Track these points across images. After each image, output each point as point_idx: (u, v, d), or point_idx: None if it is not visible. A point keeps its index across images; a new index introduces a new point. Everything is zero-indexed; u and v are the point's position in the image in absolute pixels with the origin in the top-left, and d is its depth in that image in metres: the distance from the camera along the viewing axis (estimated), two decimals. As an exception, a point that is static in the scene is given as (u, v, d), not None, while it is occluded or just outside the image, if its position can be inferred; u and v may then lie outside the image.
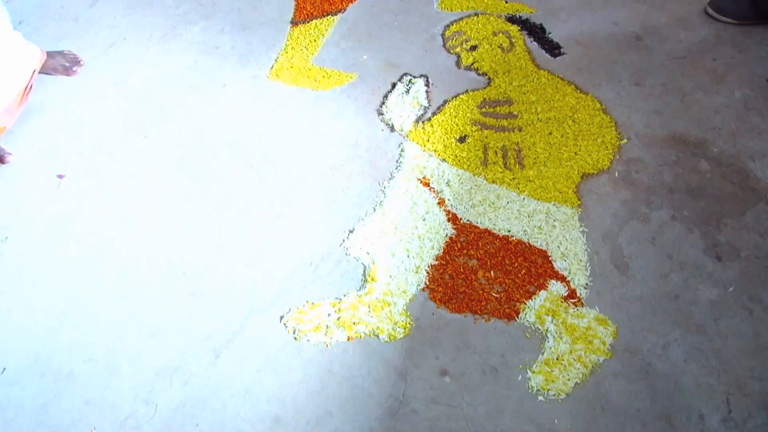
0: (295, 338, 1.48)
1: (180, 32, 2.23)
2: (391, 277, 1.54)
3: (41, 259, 1.64)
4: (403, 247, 1.58)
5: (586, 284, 1.54)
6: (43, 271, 1.62)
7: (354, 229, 1.65)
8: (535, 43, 2.13)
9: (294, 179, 1.77)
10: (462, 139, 1.82)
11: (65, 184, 1.80)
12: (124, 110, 1.98)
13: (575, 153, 1.79)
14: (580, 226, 1.63)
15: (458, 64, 2.05)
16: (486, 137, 1.82)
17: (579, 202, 1.68)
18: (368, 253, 1.58)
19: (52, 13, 2.31)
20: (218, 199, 1.74)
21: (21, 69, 1.90)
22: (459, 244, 1.59)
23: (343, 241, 1.63)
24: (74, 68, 2.08)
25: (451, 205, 1.66)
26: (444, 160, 1.77)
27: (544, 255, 1.57)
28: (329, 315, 1.49)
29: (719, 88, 2.02)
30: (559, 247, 1.58)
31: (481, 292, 1.51)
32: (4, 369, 1.47)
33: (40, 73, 2.03)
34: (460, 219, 1.64)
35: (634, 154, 1.80)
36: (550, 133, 1.83)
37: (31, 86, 1.95)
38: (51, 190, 1.79)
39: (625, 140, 1.84)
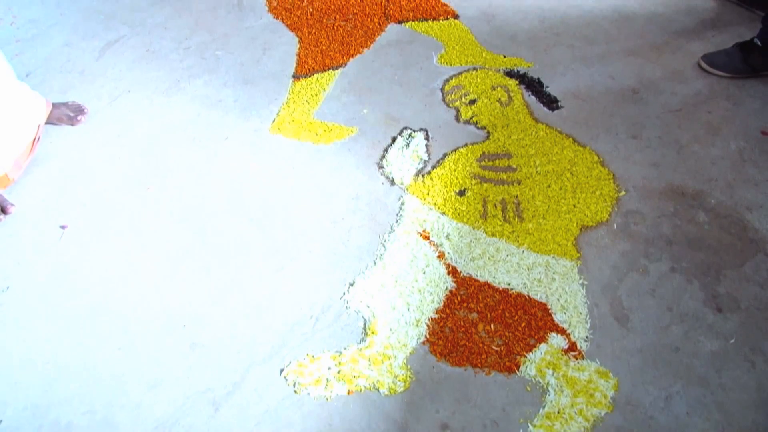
0: (296, 391, 1.51)
1: (184, 86, 2.33)
2: (391, 330, 1.58)
3: (41, 310, 1.69)
4: (404, 301, 1.63)
5: (587, 337, 1.58)
6: (43, 321, 1.67)
7: (354, 282, 1.70)
8: (533, 96, 2.23)
9: (295, 232, 1.83)
10: (461, 193, 1.89)
11: (67, 234, 1.87)
12: (128, 162, 2.06)
13: (574, 205, 1.86)
14: (580, 278, 1.69)
15: (457, 117, 2.15)
16: (485, 190, 1.89)
17: (578, 255, 1.74)
18: (368, 306, 1.63)
19: (59, 66, 2.43)
20: (219, 251, 1.80)
21: (29, 121, 1.99)
22: (459, 297, 1.64)
23: (344, 294, 1.68)
24: (78, 117, 2.18)
25: (451, 258, 1.73)
26: (444, 213, 1.84)
27: (544, 308, 1.62)
28: (329, 368, 1.53)
29: (715, 140, 2.11)
30: (558, 299, 1.63)
31: (481, 345, 1.55)
32: (1, 420, 1.50)
33: (45, 123, 2.12)
34: (460, 272, 1.70)
35: (632, 206, 1.87)
36: (549, 186, 1.91)
37: (38, 138, 2.04)
38: (53, 240, 1.86)
39: (624, 192, 1.91)
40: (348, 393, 1.50)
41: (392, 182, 1.94)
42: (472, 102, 2.20)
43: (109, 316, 1.67)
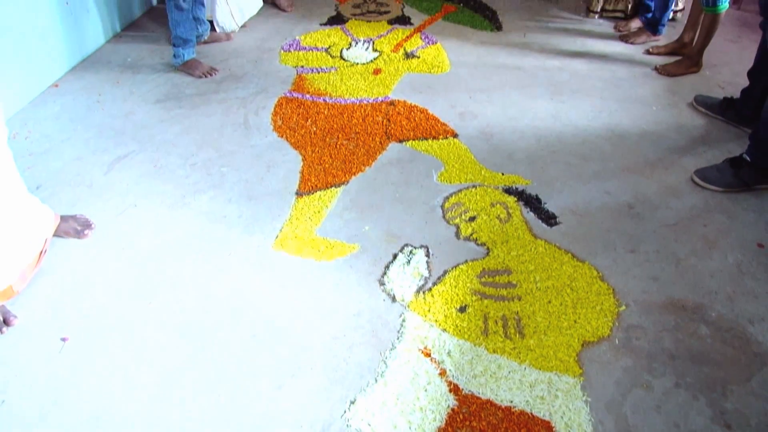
0: None
1: (189, 201, 2.48)
2: (393, 450, 1.62)
3: (37, 425, 1.72)
4: (405, 419, 1.68)
5: (593, 457, 1.61)
6: (39, 444, 1.70)
7: (355, 400, 1.75)
8: (531, 213, 2.38)
9: (296, 349, 1.90)
10: (462, 309, 1.99)
11: (68, 347, 1.93)
12: (131, 276, 2.16)
13: (575, 321, 1.94)
14: (583, 395, 1.74)
15: (458, 234, 2.28)
16: (486, 307, 1.99)
17: (581, 371, 1.80)
18: (370, 425, 1.67)
19: (69, 180, 2.59)
20: (220, 367, 1.86)
21: (37, 234, 2.11)
22: (461, 416, 1.69)
23: (345, 411, 1.73)
24: (85, 231, 2.30)
25: (453, 376, 1.79)
26: (445, 330, 1.92)
27: (547, 426, 1.66)
28: (331, 492, 1.55)
29: (712, 254, 2.22)
30: (562, 417, 1.68)
31: (485, 466, 1.59)
32: None
33: (52, 236, 2.24)
34: (462, 390, 1.76)
35: (633, 321, 1.96)
36: (550, 302, 2.00)
37: (44, 251, 2.16)
38: (53, 353, 1.91)
39: (624, 307, 2.00)
40: None
41: (393, 299, 2.04)
42: (472, 219, 2.34)
43: (107, 431, 1.71)
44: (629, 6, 3.84)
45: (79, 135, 2.85)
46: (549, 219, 2.35)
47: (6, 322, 1.98)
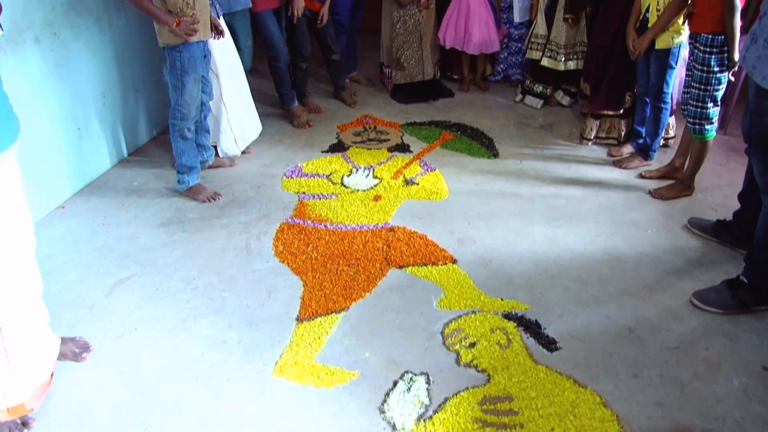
0: None
1: (189, 325, 2.54)
2: None
3: None
4: None
5: None
6: None
7: None
8: (531, 338, 2.44)
9: (295, 481, 1.91)
10: (464, 438, 2.00)
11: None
12: (128, 401, 2.18)
13: (579, 450, 1.96)
14: None
15: (458, 361, 2.33)
16: (488, 435, 2.01)
17: (587, 504, 1.80)
18: None
19: (70, 301, 2.65)
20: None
21: (50, 353, 2.16)
22: None
23: None
24: (83, 354, 2.35)
25: None
26: (447, 459, 1.93)
27: None
28: None
29: (716, 377, 2.27)
30: None
31: None
32: None
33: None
34: None
35: (639, 450, 1.97)
36: (552, 430, 2.02)
37: (52, 373, 2.20)
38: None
39: (629, 435, 2.02)
40: None
41: (394, 427, 2.06)
42: (472, 345, 2.40)
43: None
44: (622, 133, 4.08)
45: (83, 257, 2.96)
46: (549, 344, 2.41)
47: (25, 425, 2.04)
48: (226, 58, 3.59)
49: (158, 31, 3.07)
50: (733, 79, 3.22)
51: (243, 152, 3.91)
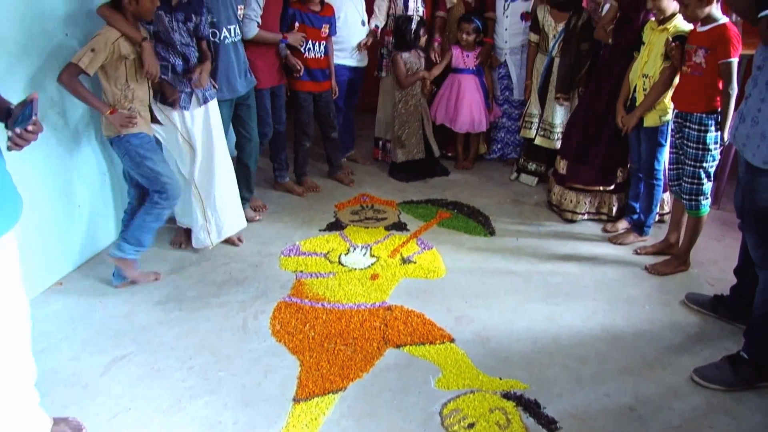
0: None
1: (184, 405, 2.51)
2: None
3: None
4: None
5: None
6: None
7: None
8: (531, 418, 2.43)
9: None
10: None
11: None
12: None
13: None
14: None
15: (456, 442, 2.31)
16: None
17: None
18: None
19: (63, 379, 2.63)
20: None
21: None
22: None
23: None
24: None
25: None
26: None
27: None
28: None
29: (721, 459, 2.24)
30: None
31: None
32: None
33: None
34: None
35: None
36: None
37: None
38: None
39: None
40: None
41: None
42: (471, 426, 2.38)
43: None
44: (613, 208, 4.16)
45: (78, 334, 2.96)
46: (549, 424, 2.39)
47: None
48: (207, 139, 3.56)
49: (102, 122, 3.14)
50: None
51: (232, 243, 3.85)
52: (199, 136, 3.52)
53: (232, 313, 3.14)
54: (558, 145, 4.55)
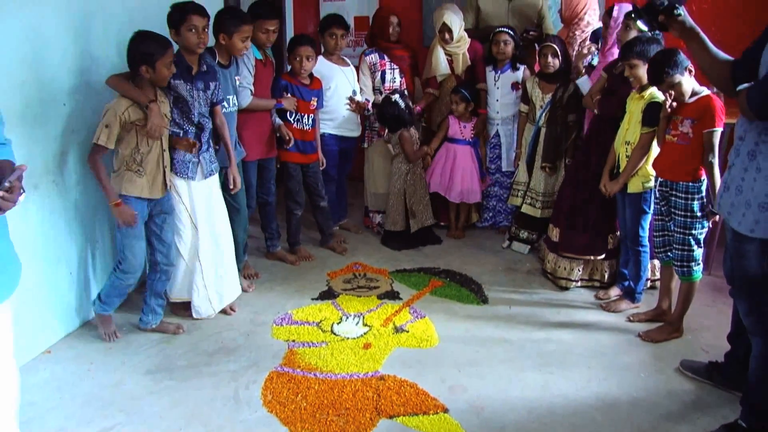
0: None
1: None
2: None
3: None
4: None
5: None
6: None
7: None
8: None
9: None
10: None
11: None
12: None
13: None
14: None
15: None
16: None
17: None
18: None
19: None
20: None
21: None
22: None
23: None
24: None
25: None
26: None
27: None
28: None
29: None
30: None
31: None
32: None
33: None
34: None
35: None
36: None
37: None
38: None
39: None
40: None
41: None
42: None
43: None
44: (605, 275, 4.20)
45: (66, 404, 2.92)
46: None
47: None
48: (209, 212, 3.65)
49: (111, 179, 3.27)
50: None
51: (224, 311, 3.86)
52: (202, 210, 3.62)
53: (223, 383, 3.12)
54: (540, 213, 4.67)
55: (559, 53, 4.48)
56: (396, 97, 4.78)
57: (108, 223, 3.80)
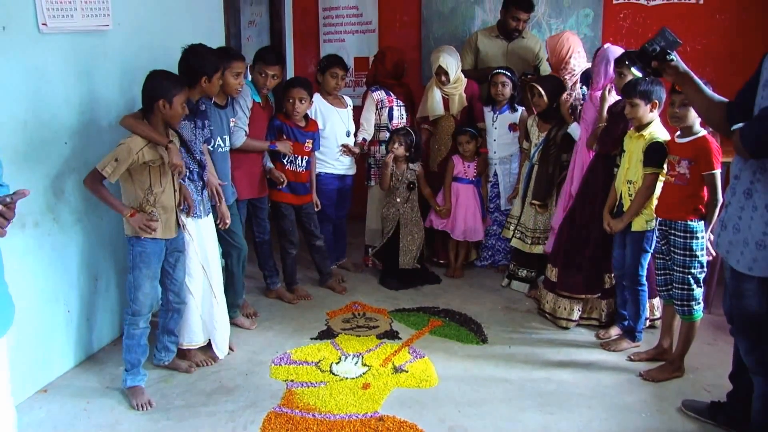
0: None
1: None
2: None
3: None
4: None
5: None
6: None
7: None
8: None
9: None
10: None
11: None
12: None
13: None
14: None
15: None
16: None
17: None
18: None
19: None
20: None
21: None
22: None
23: None
24: None
25: None
26: None
27: None
28: None
29: None
30: None
31: None
32: None
33: None
34: None
35: None
36: None
37: None
38: None
39: None
40: None
41: None
42: None
43: None
44: (603, 314, 4.21)
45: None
46: None
47: None
48: (204, 252, 3.66)
49: (124, 221, 3.25)
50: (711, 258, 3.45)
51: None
52: (210, 248, 3.68)
53: (221, 423, 3.10)
54: (530, 248, 4.73)
55: (543, 92, 4.52)
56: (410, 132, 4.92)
57: (111, 261, 3.83)
